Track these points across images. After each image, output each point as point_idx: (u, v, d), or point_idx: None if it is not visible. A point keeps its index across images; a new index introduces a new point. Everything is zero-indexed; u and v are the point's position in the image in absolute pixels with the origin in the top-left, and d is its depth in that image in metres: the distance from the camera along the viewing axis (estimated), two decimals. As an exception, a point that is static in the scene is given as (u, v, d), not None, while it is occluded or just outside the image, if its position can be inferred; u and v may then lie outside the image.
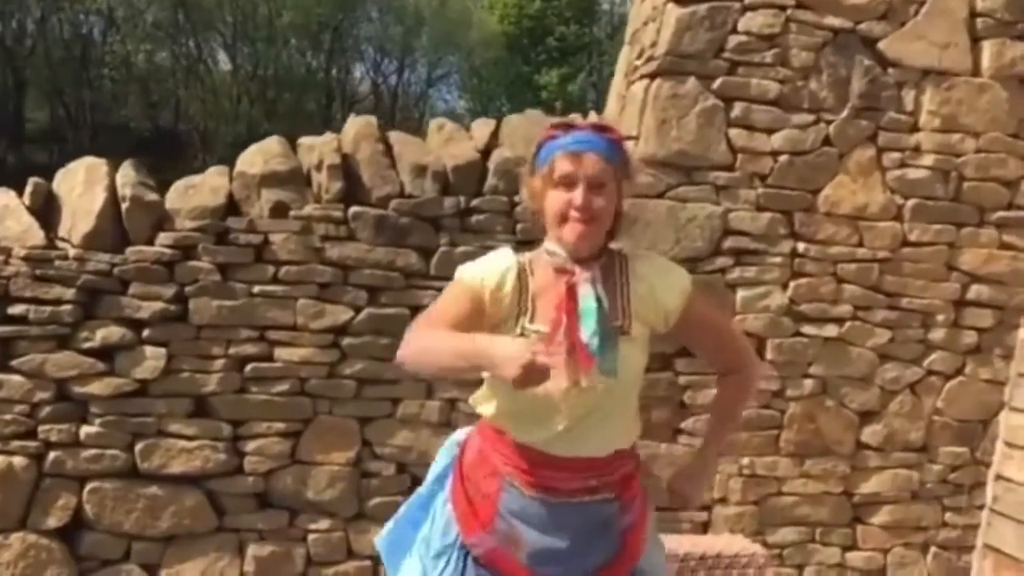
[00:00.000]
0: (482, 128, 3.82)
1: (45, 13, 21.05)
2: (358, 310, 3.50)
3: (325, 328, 3.47)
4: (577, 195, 1.88)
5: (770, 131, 3.72)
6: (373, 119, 3.78)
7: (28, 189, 3.43)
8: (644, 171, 3.59)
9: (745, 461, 3.82)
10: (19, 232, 3.37)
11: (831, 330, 3.82)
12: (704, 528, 3.81)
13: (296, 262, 3.46)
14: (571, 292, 1.88)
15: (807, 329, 3.80)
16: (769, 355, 3.78)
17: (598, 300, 1.86)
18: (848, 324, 3.83)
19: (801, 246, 3.77)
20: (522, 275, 1.93)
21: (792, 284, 3.79)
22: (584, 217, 1.88)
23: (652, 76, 3.74)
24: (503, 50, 24.25)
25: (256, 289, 3.43)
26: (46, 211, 3.46)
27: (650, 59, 3.77)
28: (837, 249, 3.79)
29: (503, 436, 1.97)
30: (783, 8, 3.68)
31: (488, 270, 1.93)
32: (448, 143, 3.76)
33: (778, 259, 3.77)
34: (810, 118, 3.74)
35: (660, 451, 3.71)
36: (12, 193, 3.47)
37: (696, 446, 3.67)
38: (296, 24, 23.19)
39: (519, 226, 3.62)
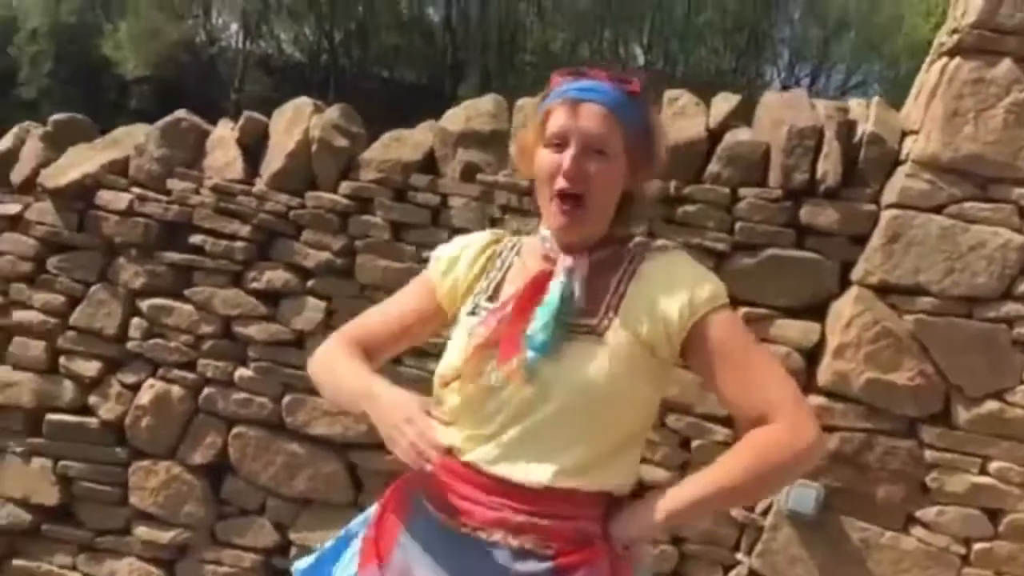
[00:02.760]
0: (722, 104, 3.17)
1: None
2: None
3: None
4: (567, 156, 1.39)
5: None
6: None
7: (239, 122, 3.40)
8: (919, 177, 2.75)
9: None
10: (223, 164, 3.34)
11: None
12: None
13: (470, 230, 3.08)
14: (536, 282, 1.45)
15: None
16: (1068, 449, 2.77)
17: (565, 295, 1.42)
18: None
19: None
20: (492, 257, 1.57)
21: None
22: (572, 187, 1.39)
23: (952, 54, 2.86)
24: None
25: (425, 254, 3.11)
26: (257, 148, 3.41)
27: (955, 32, 2.88)
28: None
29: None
30: None
31: (442, 253, 1.63)
32: (676, 118, 3.16)
33: (1098, 318, 2.73)
34: None
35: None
36: (230, 125, 3.47)
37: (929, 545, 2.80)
38: (713, 23, 22.91)
39: (739, 224, 2.95)
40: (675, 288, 1.40)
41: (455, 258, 1.58)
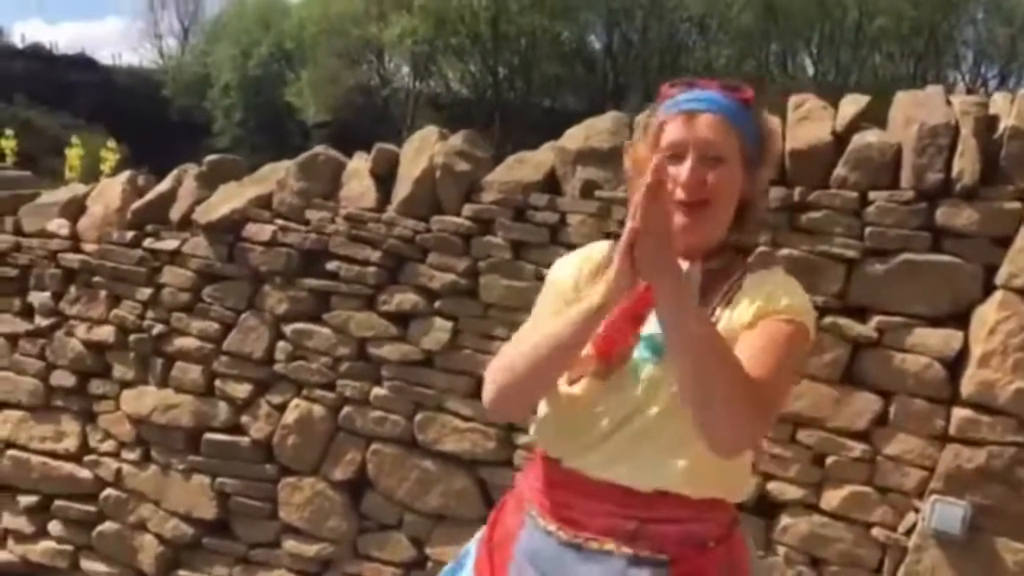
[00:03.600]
0: (849, 106, 3.04)
1: (647, 22, 22.81)
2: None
3: (613, 324, 3.05)
4: (684, 168, 1.41)
5: None
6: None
7: (372, 154, 3.56)
8: None
9: None
10: (359, 193, 3.51)
11: None
12: None
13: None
14: (646, 294, 1.38)
15: None
16: None
17: None
18: None
19: None
20: (601, 267, 1.52)
21: None
22: (691, 197, 1.41)
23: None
24: None
25: (545, 271, 3.14)
26: (390, 178, 3.56)
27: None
28: None
29: (542, 458, 1.52)
30: None
31: (565, 262, 1.64)
32: (801, 123, 3.05)
33: None
34: None
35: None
36: (365, 156, 3.64)
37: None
38: (887, 28, 22.03)
39: (868, 230, 2.82)
40: (759, 297, 1.42)
41: (579, 268, 1.59)
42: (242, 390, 3.52)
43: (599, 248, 1.61)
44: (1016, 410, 2.63)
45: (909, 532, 2.80)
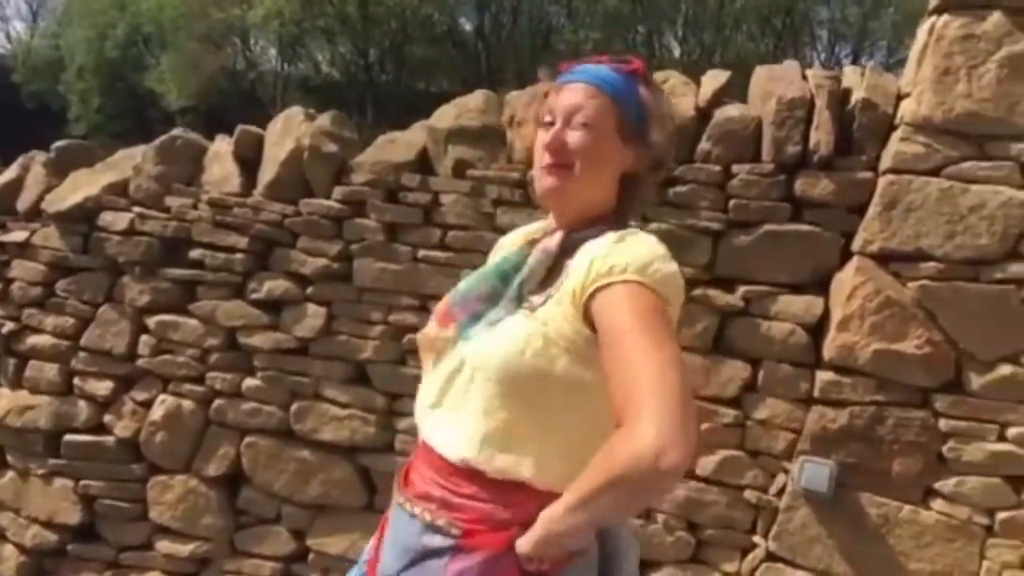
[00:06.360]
0: (710, 82, 3.11)
1: (517, 4, 22.78)
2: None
3: (489, 304, 3.04)
4: (550, 131, 1.38)
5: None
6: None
7: (235, 136, 3.43)
8: (914, 140, 2.67)
9: (1034, 551, 2.72)
10: (222, 177, 3.38)
11: None
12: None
13: (464, 227, 3.07)
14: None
15: None
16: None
17: (513, 267, 1.41)
18: None
19: None
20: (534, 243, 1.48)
21: None
22: (554, 159, 1.36)
23: (940, 11, 2.77)
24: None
25: (421, 254, 3.11)
26: (254, 160, 3.44)
27: (942, -12, 2.79)
28: None
29: None
30: None
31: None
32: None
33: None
34: None
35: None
36: (227, 139, 3.51)
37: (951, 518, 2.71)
38: (748, 9, 22.64)
39: (732, 202, 2.89)
40: (595, 257, 1.28)
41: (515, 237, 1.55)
42: (104, 387, 3.35)
43: (532, 227, 1.55)
44: (874, 370, 2.76)
45: (780, 493, 2.90)
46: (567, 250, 1.36)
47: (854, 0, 23.29)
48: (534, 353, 1.28)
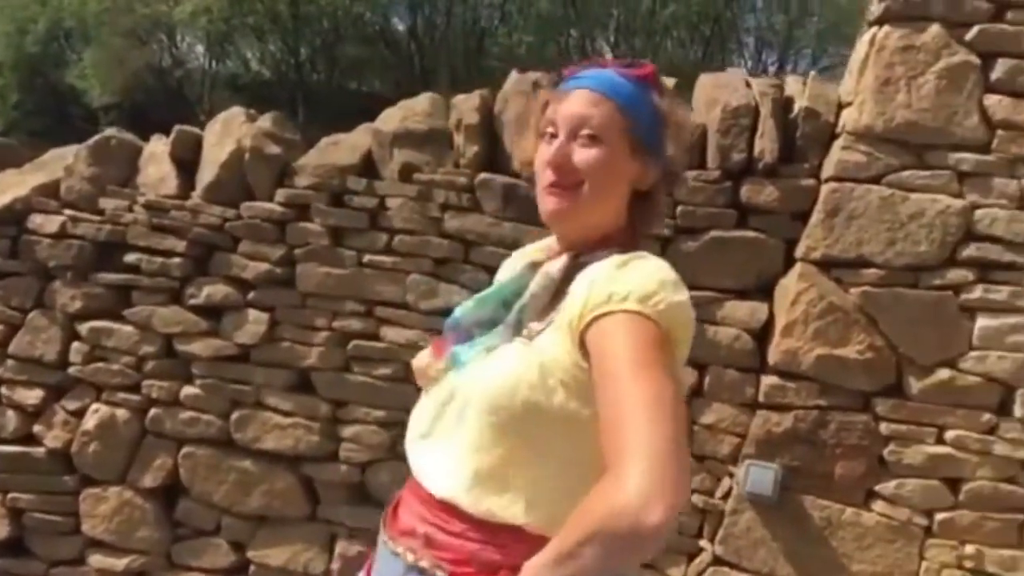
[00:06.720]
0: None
1: (451, 5, 22.69)
2: (476, 292, 3.00)
3: (436, 309, 3.00)
4: (553, 146, 1.24)
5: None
6: (535, 75, 3.24)
7: (172, 136, 3.33)
8: (855, 149, 2.72)
9: (969, 550, 2.79)
10: (158, 179, 3.28)
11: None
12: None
13: (410, 232, 3.03)
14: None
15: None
16: (1018, 411, 2.73)
17: (513, 293, 1.28)
18: None
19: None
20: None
21: (1061, 315, 2.71)
22: (561, 179, 1.23)
23: (880, 22, 2.83)
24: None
25: (366, 258, 3.06)
26: (192, 162, 3.35)
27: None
28: None
29: None
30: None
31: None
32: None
33: (1041, 278, 2.71)
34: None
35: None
36: (163, 140, 3.41)
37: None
38: (678, 16, 22.96)
39: (680, 208, 2.91)
40: (594, 283, 1.16)
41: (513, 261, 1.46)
42: (33, 396, 3.23)
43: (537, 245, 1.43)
44: (817, 375, 2.81)
45: (726, 496, 2.93)
46: (572, 274, 1.24)
47: (780, 8, 23.87)
48: (529, 386, 1.18)
